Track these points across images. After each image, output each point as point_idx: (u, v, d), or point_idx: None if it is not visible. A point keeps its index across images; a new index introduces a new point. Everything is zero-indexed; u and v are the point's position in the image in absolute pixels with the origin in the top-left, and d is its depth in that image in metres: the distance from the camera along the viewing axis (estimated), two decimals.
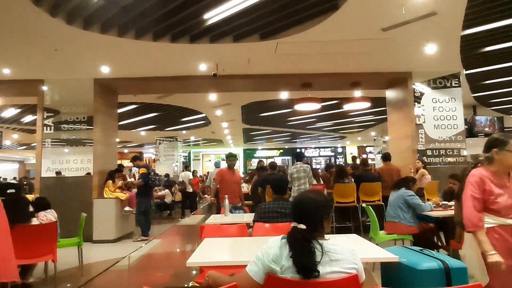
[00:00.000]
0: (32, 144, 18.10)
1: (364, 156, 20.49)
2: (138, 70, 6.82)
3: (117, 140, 8.60)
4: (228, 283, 1.52)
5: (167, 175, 13.24)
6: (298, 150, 15.85)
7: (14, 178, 18.43)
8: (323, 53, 6.01)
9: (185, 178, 11.50)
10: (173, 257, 3.22)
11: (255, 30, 5.20)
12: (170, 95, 8.82)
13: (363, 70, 7.10)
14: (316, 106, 7.73)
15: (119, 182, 7.39)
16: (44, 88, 7.18)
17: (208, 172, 13.06)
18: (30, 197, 6.89)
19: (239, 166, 22.58)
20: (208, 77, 6.77)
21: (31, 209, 4.13)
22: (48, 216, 4.35)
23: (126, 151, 22.25)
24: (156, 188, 9.94)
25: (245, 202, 6.91)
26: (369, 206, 4.71)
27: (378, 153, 17.64)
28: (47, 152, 7.19)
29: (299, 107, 7.73)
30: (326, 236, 1.65)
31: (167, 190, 11.35)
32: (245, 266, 2.28)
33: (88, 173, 7.10)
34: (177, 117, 12.17)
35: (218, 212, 5.78)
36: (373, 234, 4.54)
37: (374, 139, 18.68)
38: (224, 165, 7.31)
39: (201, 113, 11.57)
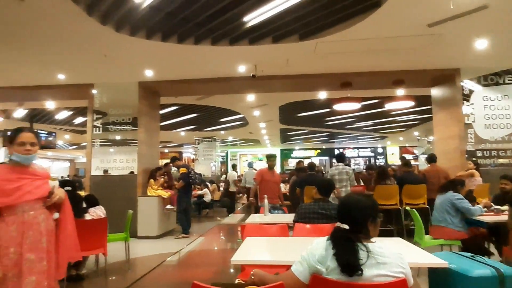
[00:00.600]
0: (82, 144, 19.30)
1: (408, 157, 19.60)
2: (180, 72, 7.05)
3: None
4: (273, 282, 1.54)
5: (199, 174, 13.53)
6: (339, 151, 15.46)
7: (68, 176, 19.72)
8: (364, 51, 5.87)
9: (230, 177, 11.69)
10: (215, 255, 3.33)
11: (294, 30, 5.20)
12: (209, 96, 9.03)
13: (406, 67, 6.84)
14: (356, 105, 7.56)
15: (161, 179, 7.67)
16: (94, 91, 7.64)
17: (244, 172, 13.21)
18: (81, 194, 7.39)
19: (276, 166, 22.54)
20: (246, 78, 6.86)
21: (84, 205, 4.42)
22: (97, 212, 4.63)
23: (166, 150, 23.05)
24: (195, 186, 10.19)
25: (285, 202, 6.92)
26: (414, 209, 4.53)
27: (422, 153, 16.88)
28: (95, 152, 7.65)
29: (338, 107, 7.60)
30: (373, 239, 1.63)
31: (206, 189, 11.62)
32: (288, 266, 2.30)
33: (131, 172, 7.45)
34: (216, 117, 12.43)
35: (257, 212, 5.83)
36: (418, 238, 4.37)
37: (418, 139, 17.90)
38: (259, 165, 7.37)
39: (239, 114, 11.72)
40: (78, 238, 3.75)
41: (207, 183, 12.02)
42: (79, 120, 12.37)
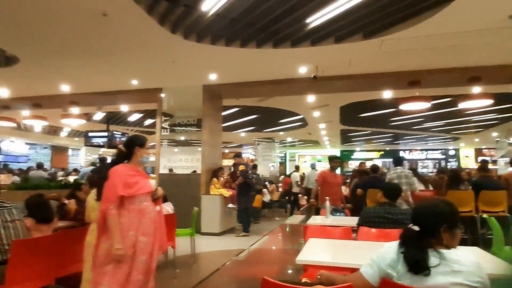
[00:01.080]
0: (150, 144, 20.74)
1: (486, 159, 17.80)
2: (242, 75, 7.26)
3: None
4: (341, 283, 1.55)
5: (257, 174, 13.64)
6: (398, 155, 14.68)
7: None
8: (435, 47, 5.50)
9: (293, 178, 11.71)
10: (277, 254, 3.40)
11: (358, 29, 5.06)
12: (269, 98, 9.15)
13: (483, 63, 6.27)
14: (425, 105, 7.10)
15: (221, 178, 7.96)
16: (162, 95, 8.19)
17: (303, 173, 13.09)
18: None
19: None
20: (307, 80, 6.84)
21: None
22: (166, 208, 4.96)
23: (226, 151, 23.79)
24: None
25: (347, 204, 6.76)
26: (492, 218, 4.14)
27: (502, 156, 15.26)
28: (163, 151, 8.19)
29: (405, 106, 7.21)
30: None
31: (265, 190, 11.76)
32: (353, 269, 2.27)
33: (194, 171, 7.83)
34: (276, 118, 12.54)
35: (317, 213, 5.78)
36: (497, 249, 3.98)
37: (496, 141, 16.23)
38: (318, 167, 7.26)
39: (299, 115, 11.69)
40: None
41: (266, 183, 12.15)
42: (148, 122, 13.33)
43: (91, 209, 3.26)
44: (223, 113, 9.84)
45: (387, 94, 8.40)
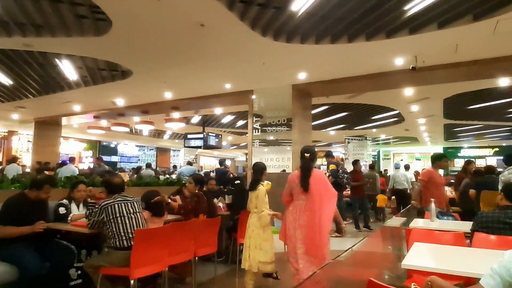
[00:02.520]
0: (241, 144, 21.72)
1: None
2: (332, 72, 7.09)
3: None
4: None
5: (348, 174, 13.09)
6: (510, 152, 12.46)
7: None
8: None
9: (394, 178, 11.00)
10: (378, 257, 3.24)
11: (466, 11, 4.50)
12: (361, 93, 8.75)
13: None
14: None
15: None
16: (253, 97, 8.48)
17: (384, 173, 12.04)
18: None
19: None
20: (404, 72, 6.34)
21: None
22: None
23: (316, 150, 23.49)
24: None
25: (452, 208, 6.07)
26: None
27: None
28: (255, 151, 8.48)
29: None
30: None
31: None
32: (466, 278, 2.03)
33: (284, 170, 7.91)
34: (367, 115, 11.93)
35: (419, 216, 5.32)
36: None
37: None
38: (414, 166, 6.62)
39: (394, 110, 10.92)
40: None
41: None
42: (239, 123, 13.96)
43: (262, 199, 3.84)
44: (313, 112, 9.75)
45: (503, 82, 7.29)
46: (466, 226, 3.31)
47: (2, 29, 5.26)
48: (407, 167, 10.51)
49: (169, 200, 4.38)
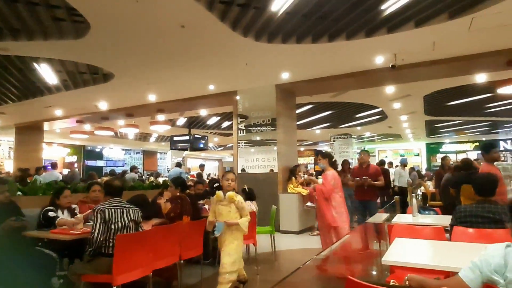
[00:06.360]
0: (228, 145, 21.67)
1: None
2: (315, 71, 7.14)
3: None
4: (436, 287, 1.42)
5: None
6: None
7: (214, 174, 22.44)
8: None
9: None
10: (360, 254, 3.30)
11: (442, 9, 4.60)
12: (344, 92, 8.84)
13: None
14: None
15: (300, 176, 7.92)
16: (237, 97, 8.47)
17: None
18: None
19: (420, 162, 20.44)
20: (385, 69, 6.44)
21: None
22: (252, 206, 5.12)
23: (302, 149, 23.65)
24: None
25: (432, 202, 6.20)
26: None
27: None
28: (241, 152, 8.47)
29: (504, 90, 6.34)
30: None
31: None
32: (446, 272, 2.08)
33: (271, 170, 7.93)
34: (352, 113, 12.07)
35: (402, 211, 5.42)
36: None
37: None
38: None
39: (377, 108, 11.08)
40: None
41: None
42: (225, 124, 13.93)
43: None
44: (297, 111, 9.80)
45: (480, 78, 7.49)
46: (447, 220, 3.38)
47: None
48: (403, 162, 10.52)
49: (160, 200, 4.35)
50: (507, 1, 4.17)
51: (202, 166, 12.52)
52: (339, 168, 7.50)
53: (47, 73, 7.06)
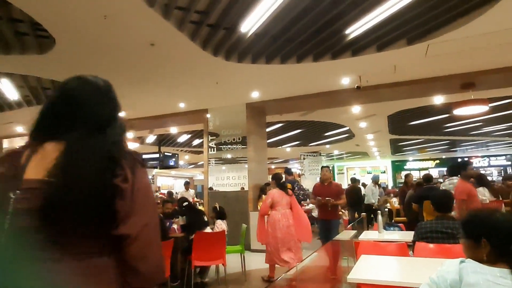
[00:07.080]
0: (199, 163, 21.42)
1: None
2: (284, 91, 7.30)
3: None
4: None
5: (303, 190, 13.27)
6: (456, 162, 13.39)
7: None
8: (489, 46, 5.14)
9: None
10: (328, 271, 3.32)
11: (401, 35, 4.90)
12: (313, 111, 9.07)
13: None
14: (483, 108, 6.59)
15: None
16: (208, 115, 8.47)
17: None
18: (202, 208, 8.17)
19: (387, 179, 21.14)
20: (351, 90, 6.70)
21: (205, 219, 4.89)
22: (223, 225, 5.06)
23: (273, 166, 23.79)
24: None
25: (397, 218, 6.39)
26: None
27: None
28: (211, 170, 8.40)
29: (459, 111, 6.76)
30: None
31: (311, 205, 11.51)
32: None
33: (242, 188, 7.91)
34: (320, 132, 12.37)
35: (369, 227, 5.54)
36: None
37: None
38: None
39: (345, 127, 11.44)
40: (202, 250, 4.15)
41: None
42: (196, 142, 13.82)
43: None
44: (268, 130, 9.91)
45: (438, 100, 7.95)
46: (410, 236, 3.49)
47: None
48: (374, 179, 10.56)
49: None
50: (460, 29, 4.51)
51: (187, 184, 12.24)
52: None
53: (8, 88, 6.75)
